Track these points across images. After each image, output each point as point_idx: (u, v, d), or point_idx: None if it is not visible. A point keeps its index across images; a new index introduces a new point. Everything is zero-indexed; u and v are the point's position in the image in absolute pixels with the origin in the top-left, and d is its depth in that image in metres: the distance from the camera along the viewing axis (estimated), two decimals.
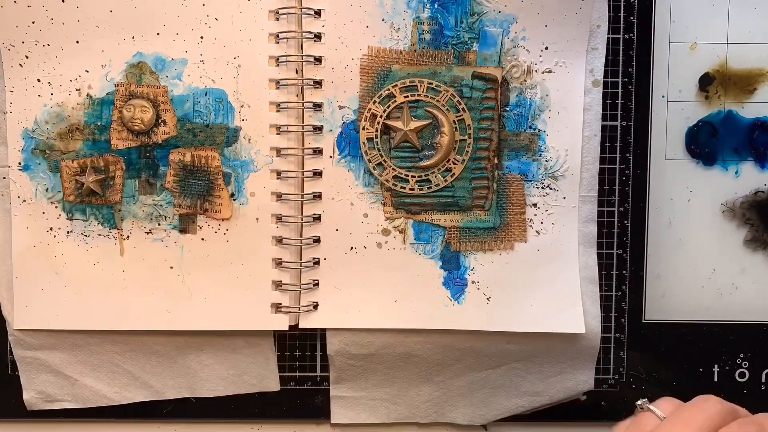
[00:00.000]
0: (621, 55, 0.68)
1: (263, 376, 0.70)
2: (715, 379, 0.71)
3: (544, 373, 0.70)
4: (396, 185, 0.67)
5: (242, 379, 0.70)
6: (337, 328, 0.68)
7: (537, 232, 0.67)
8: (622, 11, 0.68)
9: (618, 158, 0.69)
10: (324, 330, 0.69)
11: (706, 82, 0.69)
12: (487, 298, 0.67)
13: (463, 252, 0.67)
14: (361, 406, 0.71)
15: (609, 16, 0.66)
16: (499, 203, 0.67)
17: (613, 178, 0.69)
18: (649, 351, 0.71)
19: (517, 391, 0.70)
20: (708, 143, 0.70)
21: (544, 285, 0.67)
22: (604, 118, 0.68)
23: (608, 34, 0.67)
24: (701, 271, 0.71)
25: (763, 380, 0.71)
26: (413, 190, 0.67)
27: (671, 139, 0.70)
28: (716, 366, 0.71)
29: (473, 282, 0.67)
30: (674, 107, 0.69)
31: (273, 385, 0.71)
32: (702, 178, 0.70)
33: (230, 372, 0.70)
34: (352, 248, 0.67)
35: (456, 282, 0.67)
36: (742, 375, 0.71)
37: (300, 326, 0.68)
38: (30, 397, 0.70)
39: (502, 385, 0.70)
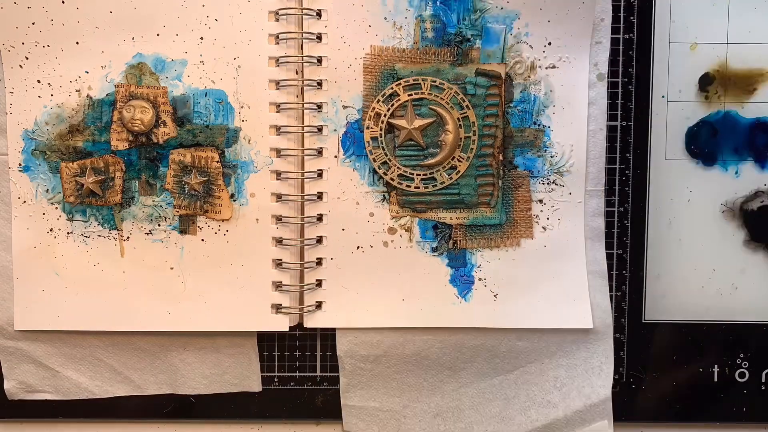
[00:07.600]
0: (621, 55, 0.69)
1: (245, 376, 0.70)
2: (715, 379, 0.71)
3: (559, 378, 0.69)
4: (401, 184, 0.67)
5: (224, 378, 0.70)
6: (344, 327, 0.68)
7: (543, 228, 0.67)
8: (622, 11, 0.68)
9: (618, 158, 0.69)
10: (325, 330, 0.69)
11: (706, 82, 0.70)
12: (494, 295, 0.67)
13: (469, 249, 0.67)
14: (372, 417, 0.70)
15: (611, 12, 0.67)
16: (504, 200, 0.67)
17: (613, 178, 0.70)
18: (649, 351, 0.71)
19: (532, 401, 0.69)
20: (708, 143, 0.70)
21: (551, 281, 0.67)
22: None
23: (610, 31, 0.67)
24: (701, 271, 0.71)
25: (763, 380, 0.71)
26: (418, 188, 0.67)
27: (671, 139, 0.70)
28: (716, 366, 0.71)
29: (480, 279, 0.67)
30: (674, 107, 0.70)
31: (254, 385, 0.70)
32: (702, 178, 0.70)
33: (212, 371, 0.70)
34: (358, 247, 0.67)
35: (463, 279, 0.67)
36: (742, 375, 0.71)
37: (306, 326, 0.68)
38: (11, 386, 0.70)
39: (515, 396, 0.69)
